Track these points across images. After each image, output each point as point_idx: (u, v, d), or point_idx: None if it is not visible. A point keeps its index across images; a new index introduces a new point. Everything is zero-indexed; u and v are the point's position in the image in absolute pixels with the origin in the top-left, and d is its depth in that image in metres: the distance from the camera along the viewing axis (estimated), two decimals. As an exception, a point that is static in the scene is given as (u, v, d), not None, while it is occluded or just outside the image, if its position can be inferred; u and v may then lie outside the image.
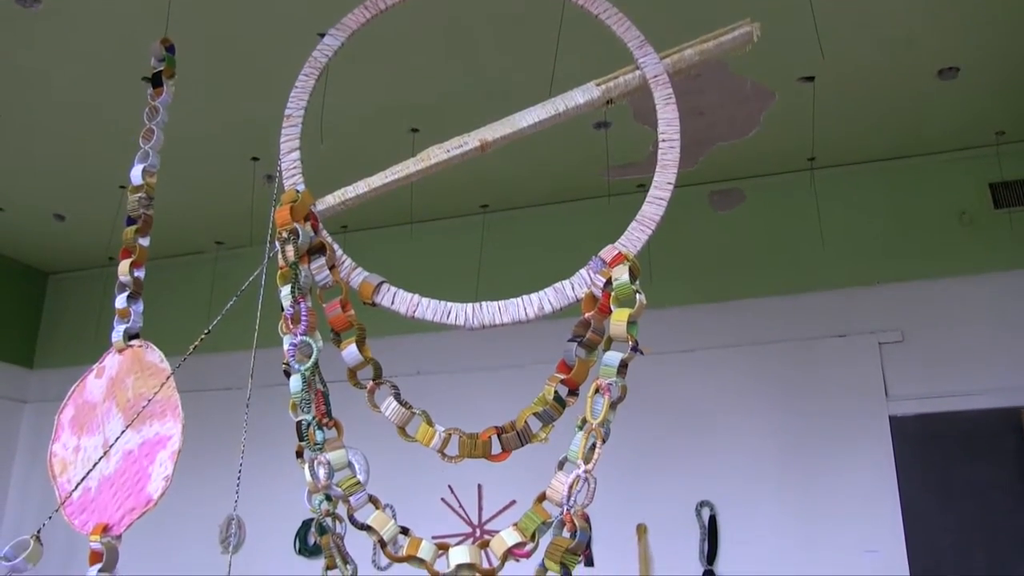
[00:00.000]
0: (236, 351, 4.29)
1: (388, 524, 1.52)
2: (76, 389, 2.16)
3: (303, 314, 1.62)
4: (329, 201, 1.84)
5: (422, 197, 5.60)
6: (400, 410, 1.58)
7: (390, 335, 4.56)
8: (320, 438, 1.56)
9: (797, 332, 5.35)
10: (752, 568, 5.04)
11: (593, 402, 1.42)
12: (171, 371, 1.98)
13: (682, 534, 5.20)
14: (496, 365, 5.76)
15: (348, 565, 1.54)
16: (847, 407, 5.11)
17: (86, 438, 2.08)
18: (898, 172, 5.50)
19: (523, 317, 1.58)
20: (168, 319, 4.56)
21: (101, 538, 1.88)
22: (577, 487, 1.38)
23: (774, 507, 5.09)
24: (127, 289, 2.16)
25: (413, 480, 5.31)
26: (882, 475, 4.94)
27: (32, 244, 6.99)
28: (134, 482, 1.93)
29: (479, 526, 5.53)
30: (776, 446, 5.18)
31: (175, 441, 1.90)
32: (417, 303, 1.63)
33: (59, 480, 2.06)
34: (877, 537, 4.86)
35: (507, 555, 1.46)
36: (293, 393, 1.60)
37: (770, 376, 5.31)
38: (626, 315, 1.44)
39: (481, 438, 1.55)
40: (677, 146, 1.67)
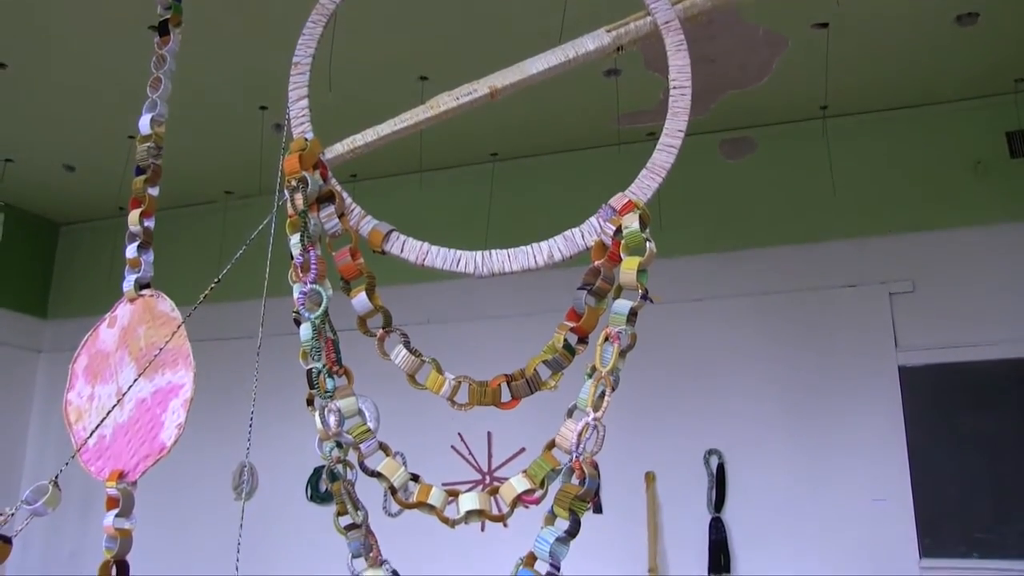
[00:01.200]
0: (246, 300, 4.30)
1: (399, 471, 1.53)
2: (89, 338, 2.17)
3: (312, 262, 1.62)
4: (338, 149, 1.83)
5: (431, 146, 5.57)
6: (410, 358, 1.58)
7: (399, 284, 4.55)
8: (330, 386, 1.57)
9: (807, 282, 5.34)
10: (760, 516, 5.09)
11: (602, 350, 1.42)
12: (182, 320, 1.99)
13: (690, 482, 5.24)
14: (505, 313, 5.77)
15: (359, 511, 1.56)
16: (856, 357, 5.11)
17: (100, 386, 2.09)
18: (912, 121, 5.43)
19: (532, 265, 1.57)
20: (178, 269, 4.57)
21: (117, 484, 1.90)
22: (586, 435, 1.39)
23: (782, 456, 5.12)
24: (137, 239, 2.16)
25: (423, 428, 5.35)
26: (890, 425, 4.96)
27: (43, 195, 7.00)
28: (148, 430, 1.95)
29: (489, 473, 5.59)
30: (785, 395, 5.20)
31: (187, 389, 1.91)
32: (427, 251, 1.63)
33: (75, 428, 2.09)
34: (885, 486, 4.89)
35: (516, 502, 1.47)
36: (303, 341, 1.60)
37: (780, 326, 5.30)
38: (636, 263, 1.44)
39: (491, 386, 1.55)
40: (688, 93, 1.65)
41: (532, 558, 1.42)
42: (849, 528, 4.91)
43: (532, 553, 1.42)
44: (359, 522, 1.56)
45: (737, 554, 5.10)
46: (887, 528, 4.85)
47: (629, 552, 5.23)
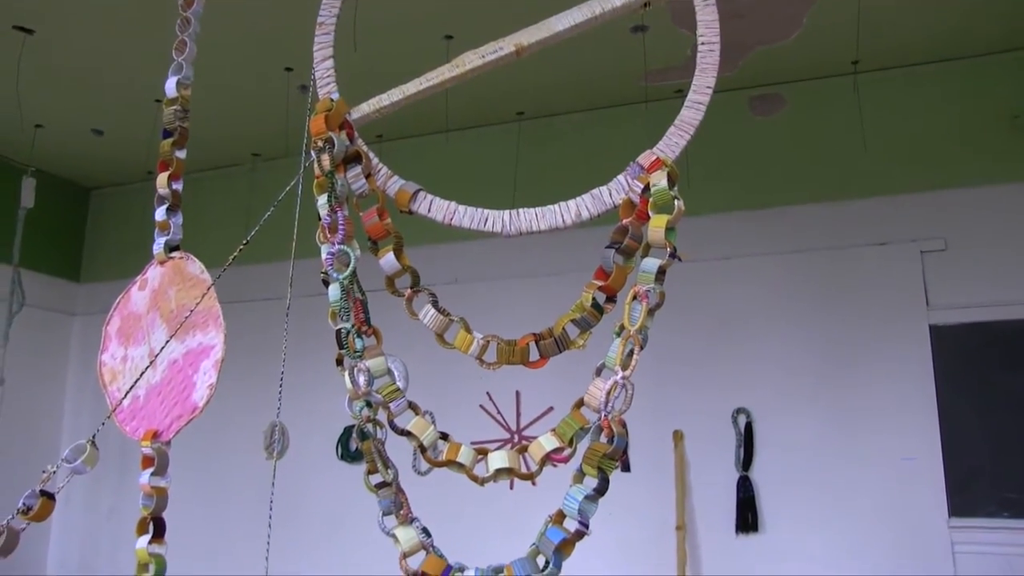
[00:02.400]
0: (275, 262, 4.34)
1: (428, 430, 1.54)
2: (121, 301, 2.20)
3: (340, 223, 1.62)
4: (364, 109, 1.82)
5: (457, 106, 5.54)
6: (438, 317, 1.59)
7: (427, 244, 4.56)
8: (359, 346, 1.58)
9: (837, 240, 5.28)
10: (788, 475, 5.09)
11: (631, 309, 1.42)
12: (212, 282, 2.01)
13: (718, 441, 5.25)
14: (533, 273, 5.77)
15: (389, 470, 1.57)
16: (886, 316, 5.07)
17: (133, 348, 2.12)
18: (947, 75, 5.32)
19: (560, 224, 1.56)
20: (207, 232, 4.60)
21: (151, 444, 1.94)
22: (615, 393, 1.39)
23: (811, 415, 5.11)
24: (166, 202, 2.17)
25: (451, 387, 5.40)
26: (920, 383, 4.93)
27: (72, 160, 7.06)
28: (180, 390, 1.97)
29: (517, 432, 5.63)
30: (814, 354, 5.17)
31: (218, 350, 1.93)
32: (454, 210, 1.62)
33: (109, 389, 2.12)
34: (914, 445, 4.87)
35: (545, 460, 1.48)
36: (332, 301, 1.61)
37: (809, 284, 5.27)
38: (664, 221, 1.43)
39: (519, 345, 1.56)
40: (717, 49, 1.62)
41: (561, 516, 1.44)
42: (878, 487, 4.90)
43: (561, 511, 1.43)
44: (389, 480, 1.57)
45: (765, 512, 5.11)
46: (916, 487, 4.83)
47: (657, 510, 5.26)
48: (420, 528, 1.56)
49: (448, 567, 1.50)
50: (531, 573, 1.43)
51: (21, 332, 6.24)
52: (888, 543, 4.82)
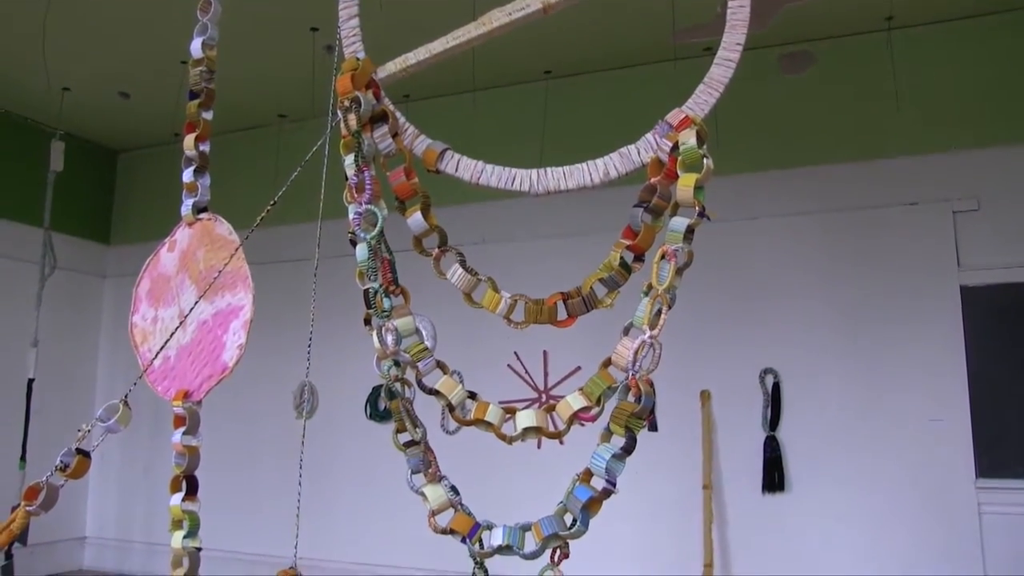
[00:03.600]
0: (302, 222, 4.35)
1: (456, 389, 1.55)
2: (150, 263, 2.21)
3: (367, 183, 1.61)
4: (390, 68, 1.80)
5: (484, 65, 5.50)
6: (466, 276, 1.58)
7: (454, 204, 4.56)
8: (387, 305, 1.58)
9: (867, 200, 5.21)
10: (814, 435, 5.09)
11: (659, 268, 1.41)
12: (240, 243, 2.02)
13: (745, 401, 5.25)
14: (561, 232, 5.76)
15: (418, 429, 1.58)
16: (917, 276, 5.01)
17: (163, 309, 2.14)
18: (983, 30, 5.19)
19: (588, 183, 1.55)
20: (235, 193, 4.62)
21: (183, 403, 1.96)
22: (642, 352, 1.38)
23: (838, 375, 5.09)
24: (193, 163, 2.18)
25: (479, 347, 5.41)
26: (950, 344, 4.89)
27: (100, 123, 7.10)
28: (210, 351, 1.99)
29: (544, 392, 5.65)
30: (842, 315, 5.14)
31: (247, 311, 1.95)
32: (481, 169, 1.61)
33: (140, 349, 2.14)
34: (942, 406, 4.85)
35: (573, 419, 1.48)
36: (359, 261, 1.61)
37: (838, 245, 5.21)
38: (693, 180, 1.41)
39: (547, 304, 1.55)
40: (747, 5, 1.58)
41: (588, 474, 1.44)
42: (905, 447, 4.88)
43: (588, 470, 1.44)
44: (418, 439, 1.58)
45: (791, 472, 5.12)
46: (943, 448, 4.81)
47: (684, 469, 5.28)
48: (449, 486, 1.57)
49: (476, 525, 1.51)
50: (559, 531, 1.44)
51: (54, 295, 6.33)
52: (914, 504, 4.82)
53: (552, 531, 1.44)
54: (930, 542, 4.76)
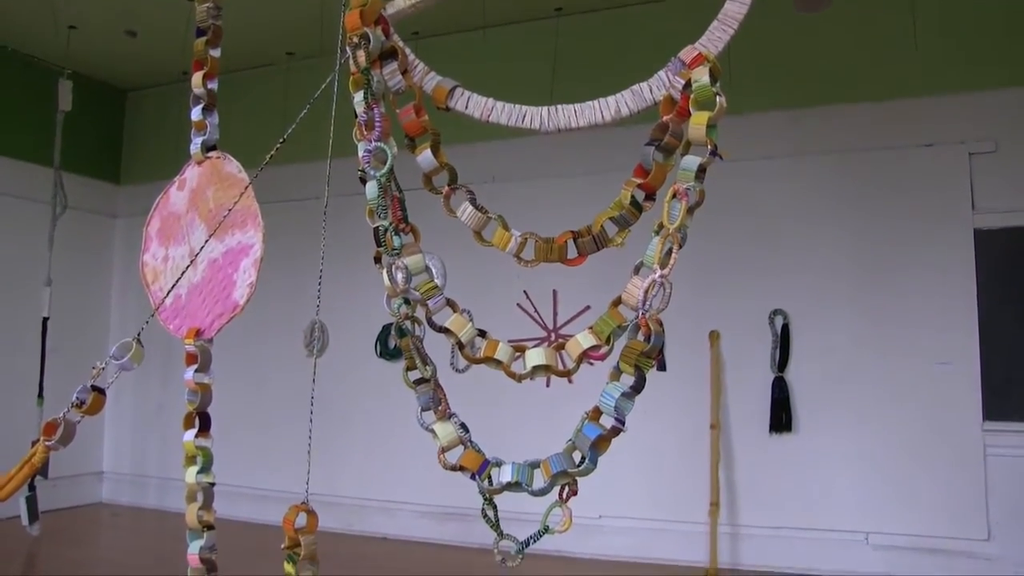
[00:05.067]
0: (312, 161, 4.30)
1: (466, 327, 1.55)
2: (160, 202, 2.22)
3: (377, 120, 1.60)
4: (399, 4, 1.78)
5: (494, 2, 5.41)
6: (476, 214, 1.58)
7: (464, 142, 4.52)
8: (397, 243, 1.58)
9: (882, 140, 5.14)
10: (823, 376, 5.10)
11: (670, 207, 1.40)
12: (249, 181, 2.01)
13: (754, 341, 5.26)
14: (572, 171, 5.71)
15: (427, 367, 1.59)
16: (930, 218, 4.97)
17: (173, 248, 2.15)
18: (1007, -36, 5.07)
19: (599, 120, 1.53)
20: (243, 132, 4.59)
21: (194, 341, 1.98)
22: (653, 292, 1.38)
23: (848, 317, 5.08)
24: (202, 101, 2.17)
25: (489, 286, 5.43)
26: (961, 288, 4.86)
27: (107, 62, 7.04)
28: (220, 289, 2.00)
29: (554, 331, 5.66)
30: (854, 256, 5.11)
31: (257, 249, 1.95)
32: (492, 107, 1.60)
33: (152, 288, 2.15)
34: (951, 350, 4.84)
35: (582, 357, 1.49)
36: (369, 199, 1.60)
37: (851, 186, 5.16)
38: (705, 118, 1.39)
39: (557, 242, 1.55)
40: (763, -61, 1.55)
41: (597, 413, 1.45)
42: (912, 389, 4.89)
43: (597, 408, 1.45)
44: (428, 377, 1.59)
45: (799, 413, 5.15)
46: (951, 390, 4.82)
47: (692, 409, 5.32)
48: (458, 423, 1.58)
49: (485, 461, 1.53)
50: (567, 468, 1.45)
51: (65, 235, 6.35)
52: (921, 445, 4.85)
53: (561, 468, 1.45)
54: (935, 483, 4.80)
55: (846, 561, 4.92)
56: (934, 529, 4.77)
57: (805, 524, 5.05)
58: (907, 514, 4.83)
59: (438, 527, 5.90)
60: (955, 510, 4.74)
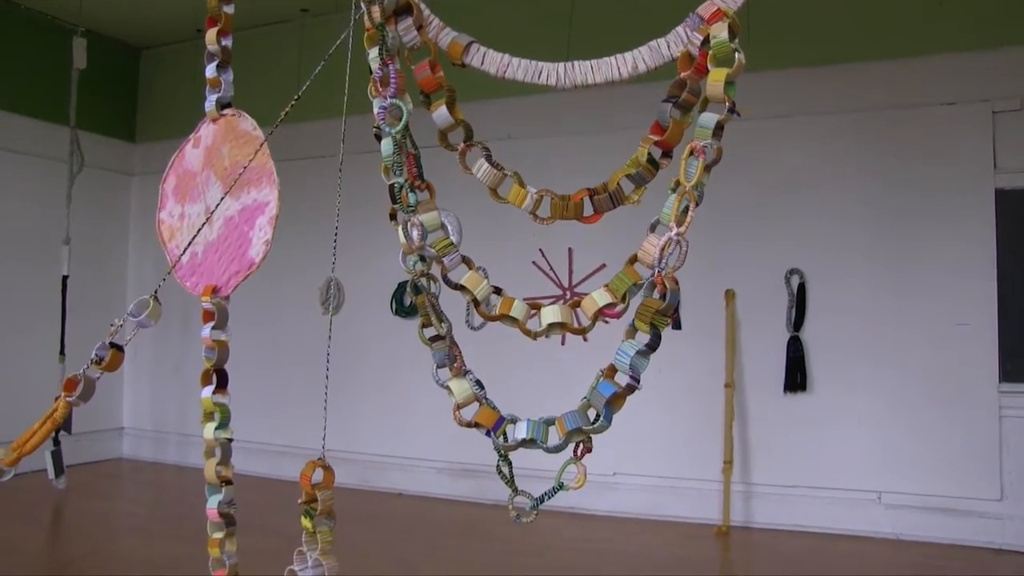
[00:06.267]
0: (327, 118, 4.29)
1: (481, 284, 1.55)
2: (176, 159, 2.21)
3: (392, 76, 1.59)
4: (413, -41, 1.75)
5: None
6: (492, 171, 1.57)
7: (480, 99, 4.50)
8: (413, 200, 1.58)
9: (903, 99, 5.07)
10: (838, 336, 5.09)
11: (687, 164, 1.39)
12: (264, 138, 2.00)
13: (770, 301, 5.24)
14: (588, 129, 5.67)
15: (443, 323, 1.59)
16: (951, 178, 4.91)
17: (189, 206, 2.15)
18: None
19: (616, 76, 1.51)
20: (258, 89, 4.57)
21: (211, 299, 1.99)
22: (669, 249, 1.38)
23: (865, 277, 5.05)
24: (216, 58, 2.15)
25: (504, 244, 5.43)
26: (981, 249, 4.82)
27: (122, 20, 7.01)
28: (237, 246, 2.00)
29: (569, 289, 5.66)
30: (872, 216, 5.07)
31: (272, 207, 1.95)
32: (508, 63, 1.58)
33: (168, 246, 2.16)
34: (970, 311, 4.82)
35: (598, 315, 1.49)
36: (384, 156, 1.60)
37: (871, 145, 5.10)
38: (724, 75, 1.38)
39: (573, 199, 1.54)
40: None
41: (612, 370, 1.45)
42: (929, 350, 4.88)
43: (612, 365, 1.45)
44: (443, 334, 1.60)
45: (814, 373, 5.15)
46: (968, 352, 4.80)
47: (706, 368, 5.32)
48: (473, 380, 1.59)
49: (500, 418, 1.54)
50: (582, 426, 1.46)
51: (83, 193, 6.37)
52: (935, 406, 4.84)
53: (575, 426, 1.46)
54: (949, 444, 4.80)
55: (858, 520, 4.95)
56: (947, 489, 4.78)
57: (818, 483, 5.07)
58: (920, 474, 4.85)
59: (453, 483, 5.96)
60: (968, 470, 4.75)
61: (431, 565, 4.51)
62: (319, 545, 1.87)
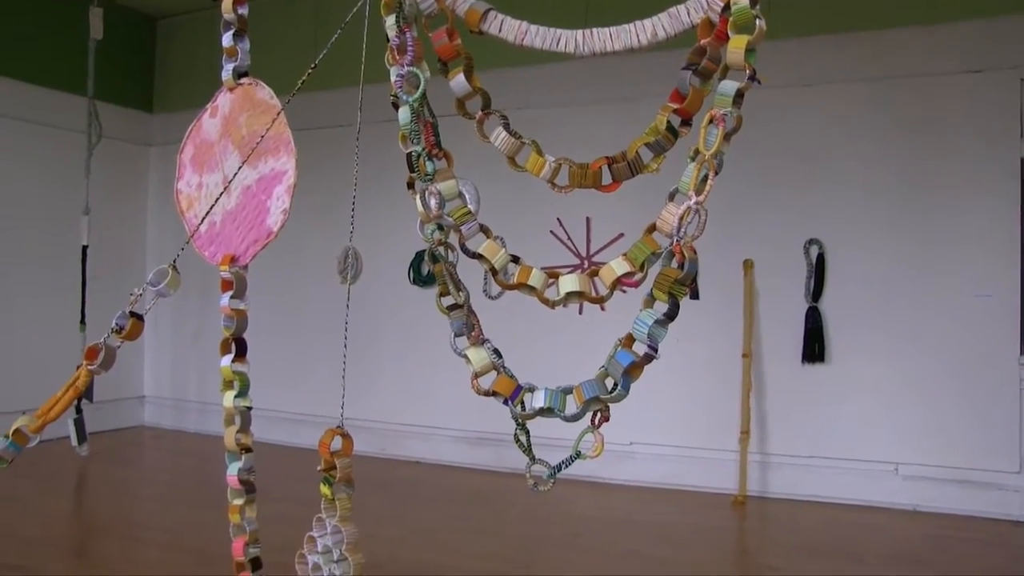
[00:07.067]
0: (344, 87, 4.28)
1: (499, 253, 1.55)
2: (193, 129, 2.21)
3: (409, 44, 1.58)
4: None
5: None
6: (510, 140, 1.56)
7: (497, 68, 4.45)
8: (430, 168, 1.57)
9: (927, 66, 4.97)
10: (857, 307, 5.06)
11: (707, 132, 1.37)
12: (281, 107, 2.00)
13: (788, 271, 5.21)
14: (607, 97, 5.62)
15: (461, 292, 1.60)
16: (974, 148, 4.84)
17: (207, 175, 2.15)
18: None
19: (635, 44, 1.50)
20: (275, 58, 4.55)
21: (229, 268, 1.99)
22: (688, 218, 1.37)
23: (886, 248, 5.01)
24: (232, 27, 2.14)
25: (522, 213, 5.42)
26: (1004, 219, 4.76)
27: (138, -14, 6.99)
28: (255, 216, 2.01)
29: (587, 258, 5.64)
30: (893, 186, 5.01)
31: (290, 176, 1.95)
32: (526, 30, 1.56)
33: (187, 215, 2.17)
34: (992, 282, 4.77)
35: (616, 284, 1.48)
36: (402, 124, 1.59)
37: (893, 114, 5.03)
38: (744, 42, 1.36)
39: (592, 168, 1.53)
40: None
41: (630, 339, 1.45)
42: (949, 322, 4.84)
43: (630, 335, 1.45)
44: (461, 302, 1.60)
45: (832, 344, 5.13)
46: (989, 324, 4.77)
47: (724, 338, 5.31)
48: (491, 349, 1.59)
49: (518, 387, 1.54)
50: (600, 394, 1.46)
51: (101, 164, 6.39)
52: (954, 377, 4.82)
53: (593, 394, 1.46)
54: (968, 416, 4.78)
55: (875, 491, 4.94)
56: (965, 460, 4.77)
57: (834, 454, 5.07)
58: (938, 445, 4.83)
59: (471, 452, 6.00)
60: (987, 442, 4.73)
61: (448, 532, 4.55)
62: (338, 512, 1.89)
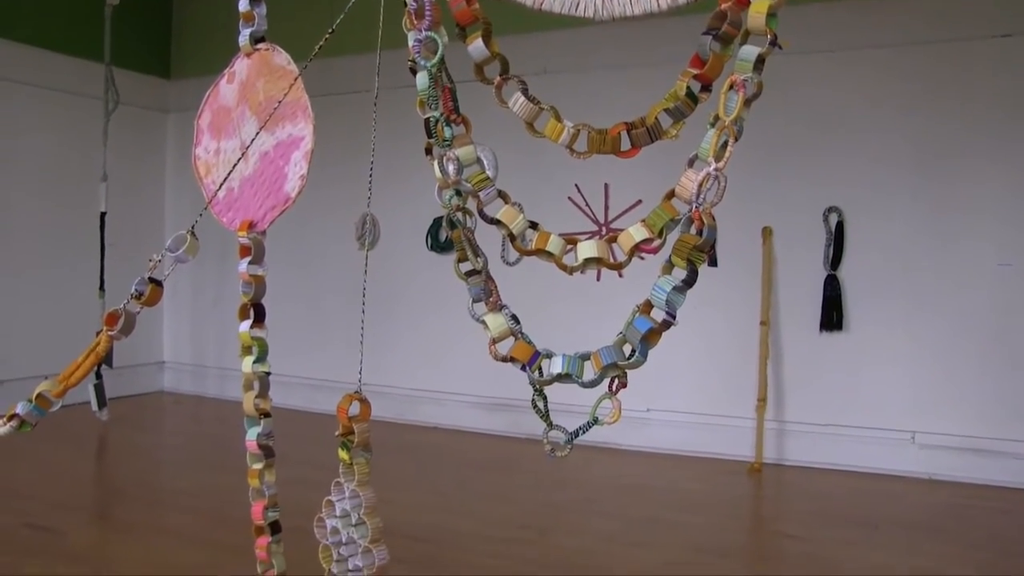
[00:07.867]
0: (361, 53, 4.25)
1: (517, 218, 1.55)
2: (210, 95, 2.21)
3: (427, 8, 1.57)
4: None
5: None
6: (528, 105, 1.55)
7: (515, 33, 4.42)
8: (448, 134, 1.57)
9: (953, 31, 4.88)
10: (877, 275, 5.03)
11: (727, 98, 1.36)
12: (298, 72, 2.00)
13: (807, 239, 5.18)
14: (626, 63, 5.57)
15: (479, 258, 1.60)
16: (1000, 115, 4.77)
17: (224, 141, 2.15)
18: None
19: (655, 8, 1.48)
20: (292, 22, 4.53)
21: (247, 234, 2.00)
22: (707, 185, 1.36)
23: (906, 216, 4.97)
24: (249, -9, 2.13)
25: (540, 179, 5.40)
26: (1027, 187, 4.71)
27: (153, -50, 6.95)
28: (272, 181, 2.01)
29: (605, 225, 5.63)
30: (914, 154, 4.96)
31: (307, 142, 1.95)
32: (544, -6, 1.55)
33: (205, 181, 2.17)
34: (1013, 250, 4.72)
35: (634, 250, 1.48)
36: (420, 90, 1.58)
37: (917, 80, 4.96)
38: (766, 6, 1.34)
39: (610, 134, 1.52)
40: None
41: (648, 306, 1.45)
42: (969, 291, 4.81)
43: (648, 301, 1.45)
44: (479, 268, 1.60)
45: (850, 312, 5.11)
46: (1009, 293, 4.73)
47: (742, 305, 5.30)
48: (509, 315, 1.59)
49: (536, 353, 1.54)
50: (617, 361, 1.46)
51: (119, 130, 6.40)
52: (973, 346, 4.79)
53: (611, 361, 1.46)
54: (986, 384, 4.76)
55: (891, 460, 4.94)
56: (982, 430, 4.75)
57: (851, 422, 5.07)
58: (955, 414, 4.82)
59: (488, 417, 6.04)
60: (1006, 411, 4.72)
61: (465, 496, 4.59)
62: (356, 476, 1.91)
